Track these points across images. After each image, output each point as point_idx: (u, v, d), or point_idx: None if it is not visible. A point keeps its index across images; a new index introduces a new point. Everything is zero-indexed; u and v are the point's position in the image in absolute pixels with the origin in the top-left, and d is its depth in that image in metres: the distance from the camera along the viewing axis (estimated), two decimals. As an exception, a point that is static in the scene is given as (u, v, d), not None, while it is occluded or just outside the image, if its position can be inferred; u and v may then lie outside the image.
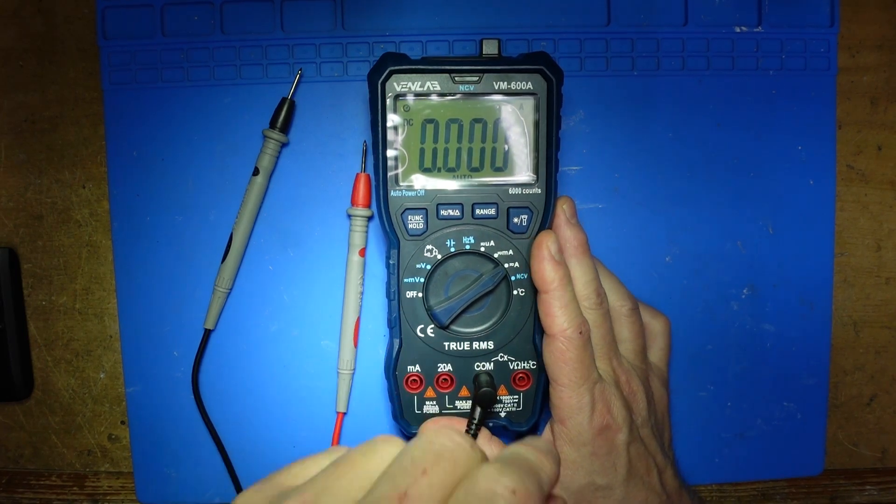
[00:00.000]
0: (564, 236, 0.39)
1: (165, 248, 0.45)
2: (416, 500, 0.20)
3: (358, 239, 0.44)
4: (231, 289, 0.45)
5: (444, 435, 0.22)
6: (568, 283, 0.38)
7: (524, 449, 0.23)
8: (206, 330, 0.45)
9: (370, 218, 0.45)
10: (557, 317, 0.37)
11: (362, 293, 0.45)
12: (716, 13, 0.46)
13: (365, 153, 0.45)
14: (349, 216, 0.44)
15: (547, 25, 0.45)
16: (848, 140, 0.48)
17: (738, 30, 0.46)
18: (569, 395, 0.37)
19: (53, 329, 0.47)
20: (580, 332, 0.37)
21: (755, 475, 0.48)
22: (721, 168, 0.46)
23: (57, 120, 0.47)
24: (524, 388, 0.40)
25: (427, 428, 0.31)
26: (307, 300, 0.46)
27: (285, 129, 0.44)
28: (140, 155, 0.45)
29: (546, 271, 0.37)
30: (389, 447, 0.22)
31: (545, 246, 0.37)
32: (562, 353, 0.37)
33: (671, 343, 0.44)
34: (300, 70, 0.45)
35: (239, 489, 0.45)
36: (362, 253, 0.44)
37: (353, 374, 0.45)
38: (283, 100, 0.44)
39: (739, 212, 0.47)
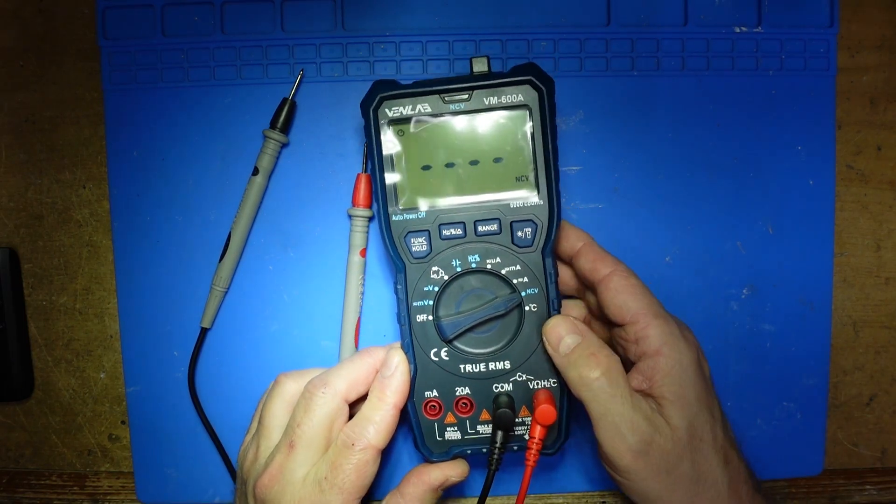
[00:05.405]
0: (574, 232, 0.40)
1: (166, 248, 0.45)
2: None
3: (358, 239, 0.44)
4: (229, 288, 0.45)
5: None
6: (595, 244, 0.39)
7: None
8: (202, 329, 0.45)
9: (371, 218, 0.45)
10: (605, 259, 0.38)
11: (363, 293, 0.45)
12: (716, 13, 0.46)
13: (366, 153, 0.45)
14: (349, 216, 0.45)
15: (547, 25, 0.45)
16: (847, 140, 0.48)
17: (737, 30, 0.46)
18: (658, 322, 0.36)
19: (54, 329, 0.47)
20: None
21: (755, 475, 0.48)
22: (721, 168, 0.46)
23: (57, 120, 0.47)
24: None
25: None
26: (307, 300, 0.46)
27: (286, 129, 0.44)
28: (140, 155, 0.45)
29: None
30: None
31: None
32: (626, 280, 0.37)
33: None
34: (301, 70, 0.45)
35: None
36: (363, 253, 0.44)
37: (354, 374, 0.45)
38: (284, 100, 0.44)
39: (739, 212, 0.47)
